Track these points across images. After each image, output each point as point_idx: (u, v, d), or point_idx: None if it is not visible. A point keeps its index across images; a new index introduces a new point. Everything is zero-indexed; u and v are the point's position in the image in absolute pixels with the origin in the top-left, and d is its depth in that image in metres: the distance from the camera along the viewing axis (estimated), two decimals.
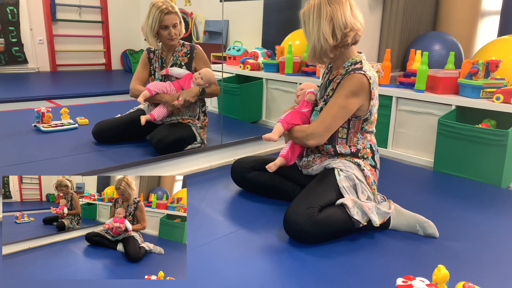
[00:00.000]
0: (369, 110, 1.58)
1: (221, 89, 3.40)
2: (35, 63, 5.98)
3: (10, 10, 5.56)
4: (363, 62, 1.58)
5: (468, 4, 3.38)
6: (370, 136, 1.66)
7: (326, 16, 1.51)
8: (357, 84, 1.52)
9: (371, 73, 1.55)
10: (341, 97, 1.54)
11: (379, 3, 3.26)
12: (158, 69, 2.43)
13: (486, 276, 1.31)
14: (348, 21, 1.51)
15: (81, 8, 6.28)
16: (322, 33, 1.52)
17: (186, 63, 2.41)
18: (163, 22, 2.27)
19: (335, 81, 1.63)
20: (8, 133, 2.64)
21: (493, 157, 2.13)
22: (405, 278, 1.08)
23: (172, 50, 2.42)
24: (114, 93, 4.43)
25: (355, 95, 1.53)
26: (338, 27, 1.51)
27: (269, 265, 1.34)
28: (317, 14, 1.53)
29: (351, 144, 1.64)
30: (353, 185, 1.57)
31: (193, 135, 2.37)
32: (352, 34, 1.53)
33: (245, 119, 3.36)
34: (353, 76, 1.53)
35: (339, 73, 1.62)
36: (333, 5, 1.51)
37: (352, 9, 1.54)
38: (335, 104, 1.56)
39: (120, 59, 6.73)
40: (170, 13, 2.27)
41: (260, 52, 3.59)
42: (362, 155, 1.64)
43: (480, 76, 2.38)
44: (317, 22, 1.53)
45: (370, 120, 1.62)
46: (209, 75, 2.36)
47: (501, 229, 1.65)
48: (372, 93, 1.55)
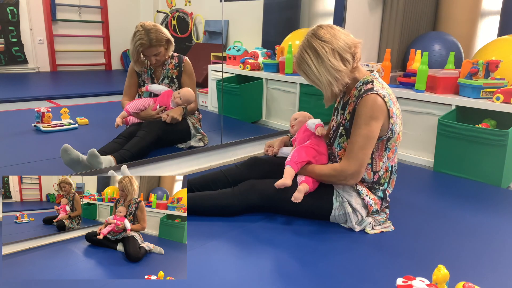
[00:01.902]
0: (389, 129, 1.53)
1: (221, 89, 3.41)
2: (35, 63, 5.98)
3: (10, 10, 5.56)
4: (374, 81, 1.53)
5: (468, 4, 3.38)
6: (393, 157, 1.62)
7: (326, 52, 1.47)
8: (372, 108, 1.47)
9: (384, 92, 1.50)
10: (362, 127, 1.49)
11: (379, 3, 3.26)
12: (148, 80, 2.45)
13: (486, 276, 1.31)
14: (347, 40, 1.50)
15: (81, 8, 6.28)
16: (333, 68, 1.47)
17: (177, 75, 2.44)
18: (143, 53, 2.31)
19: (350, 104, 1.58)
20: (8, 133, 2.64)
21: (493, 157, 2.13)
22: (405, 278, 1.08)
23: (162, 64, 2.45)
24: (114, 93, 4.42)
25: (374, 119, 1.48)
26: (344, 51, 1.48)
27: (269, 265, 1.34)
28: (315, 56, 1.49)
29: (376, 169, 1.59)
30: (344, 213, 1.58)
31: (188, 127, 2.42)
32: (359, 50, 1.52)
33: (245, 119, 3.36)
34: (366, 99, 1.48)
35: (352, 95, 1.58)
36: (325, 37, 1.48)
37: (340, 30, 1.52)
38: (359, 136, 1.50)
39: (120, 59, 6.73)
40: (150, 47, 2.27)
41: (260, 52, 3.58)
42: (380, 182, 1.61)
43: (480, 76, 2.38)
44: (321, 63, 1.48)
45: (394, 139, 1.56)
46: (189, 95, 2.37)
47: (501, 229, 1.65)
48: (390, 111, 1.50)
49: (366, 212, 1.60)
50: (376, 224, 1.60)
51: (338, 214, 1.59)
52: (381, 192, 1.62)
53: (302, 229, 1.59)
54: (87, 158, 1.87)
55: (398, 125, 1.55)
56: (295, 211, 1.63)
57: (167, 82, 2.45)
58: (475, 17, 3.44)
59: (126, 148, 2.10)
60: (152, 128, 2.23)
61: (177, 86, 2.46)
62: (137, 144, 2.13)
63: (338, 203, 1.58)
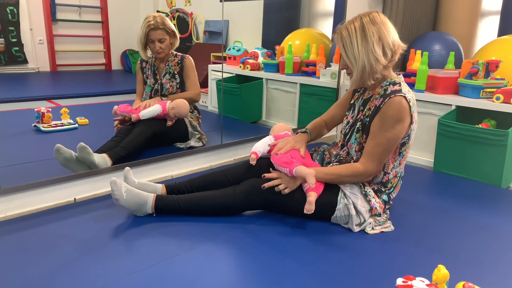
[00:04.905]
0: (407, 134, 1.54)
1: (221, 89, 3.41)
2: (35, 63, 5.98)
3: (10, 10, 5.57)
4: (402, 84, 1.54)
5: (468, 4, 3.37)
6: (403, 163, 1.63)
7: (373, 36, 1.46)
8: (399, 110, 1.48)
9: (410, 96, 1.51)
10: (389, 130, 1.49)
11: (379, 3, 3.26)
12: (151, 76, 2.52)
13: (486, 276, 1.31)
14: (395, 39, 1.50)
15: (81, 8, 6.27)
16: (373, 53, 1.46)
17: (178, 71, 2.50)
18: (149, 37, 2.37)
19: (372, 101, 1.58)
20: (8, 133, 2.63)
21: (493, 157, 2.13)
22: (405, 278, 1.08)
23: (165, 60, 2.51)
24: (114, 93, 4.43)
25: (400, 122, 1.49)
26: (388, 45, 1.48)
27: (269, 265, 1.34)
28: (361, 35, 1.47)
29: (387, 170, 1.59)
30: (346, 215, 1.58)
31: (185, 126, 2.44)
32: (399, 51, 1.52)
33: (245, 119, 3.36)
34: (392, 101, 1.48)
35: (376, 92, 1.57)
36: (378, 25, 1.47)
37: (393, 28, 1.52)
38: (385, 139, 1.50)
39: (120, 59, 6.72)
40: (157, 29, 2.35)
41: (260, 52, 3.58)
42: (387, 185, 1.61)
43: (480, 76, 2.38)
44: (364, 44, 1.47)
45: (408, 145, 1.58)
46: (184, 109, 2.35)
47: (501, 229, 1.65)
48: (413, 117, 1.51)
49: (369, 215, 1.60)
50: (376, 224, 1.60)
51: (340, 215, 1.59)
52: (386, 195, 1.62)
53: (302, 229, 1.59)
54: (77, 153, 1.88)
55: (415, 131, 1.57)
56: (296, 210, 1.63)
57: (168, 78, 2.49)
58: (475, 17, 3.43)
59: (122, 145, 2.11)
60: (147, 125, 2.24)
61: (178, 81, 2.49)
62: (132, 141, 2.14)
63: (342, 204, 1.58)
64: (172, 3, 6.00)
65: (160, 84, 2.49)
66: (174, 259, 1.36)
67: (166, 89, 2.49)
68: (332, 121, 1.85)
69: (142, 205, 1.62)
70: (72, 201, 1.82)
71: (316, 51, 3.20)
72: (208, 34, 5.35)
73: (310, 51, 3.26)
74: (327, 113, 1.86)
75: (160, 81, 2.49)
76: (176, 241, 1.48)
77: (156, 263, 1.34)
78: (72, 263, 1.33)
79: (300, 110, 3.12)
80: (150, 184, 1.75)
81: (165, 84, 2.49)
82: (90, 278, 1.25)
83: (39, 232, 1.54)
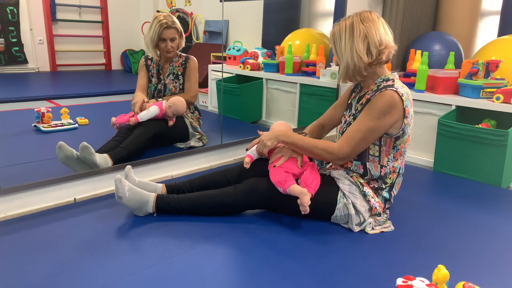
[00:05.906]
0: (401, 129, 1.54)
1: (221, 89, 3.41)
2: (35, 63, 5.97)
3: (10, 10, 5.56)
4: (395, 80, 1.55)
5: (468, 4, 3.37)
6: (401, 159, 1.62)
7: (359, 34, 1.49)
8: (388, 103, 1.48)
9: (403, 90, 1.51)
10: (372, 120, 1.50)
11: (379, 3, 3.26)
12: (155, 75, 2.52)
13: (486, 276, 1.31)
14: (383, 38, 1.51)
15: (81, 8, 6.27)
16: (356, 51, 1.49)
17: (182, 72, 2.51)
18: (161, 36, 2.39)
19: (365, 96, 1.60)
20: (8, 133, 2.63)
21: (493, 157, 2.13)
22: (405, 278, 1.08)
23: (170, 60, 2.52)
24: (114, 93, 4.43)
25: (386, 114, 1.49)
26: (373, 44, 1.49)
27: (269, 265, 1.34)
28: (349, 33, 1.51)
29: (382, 163, 1.59)
30: (346, 214, 1.58)
31: (185, 126, 2.44)
32: (387, 52, 1.52)
33: (245, 119, 3.36)
34: (384, 93, 1.49)
35: (370, 89, 1.59)
36: (367, 23, 1.50)
37: (385, 27, 1.53)
38: (366, 128, 1.51)
39: (120, 59, 6.72)
40: (170, 28, 2.40)
41: (260, 52, 3.58)
42: (386, 181, 1.61)
43: (480, 76, 2.38)
44: (350, 41, 1.50)
45: (403, 139, 1.57)
46: (180, 106, 2.34)
47: (501, 229, 1.65)
48: (406, 111, 1.51)
49: (369, 215, 1.60)
50: (376, 224, 1.60)
51: (340, 214, 1.59)
52: (387, 193, 1.62)
53: (302, 228, 1.60)
54: (79, 152, 1.89)
55: (411, 127, 1.57)
56: (296, 209, 1.63)
57: (172, 79, 2.50)
58: (475, 17, 3.43)
59: (123, 145, 2.11)
60: (148, 125, 2.24)
61: (181, 82, 2.52)
62: (133, 141, 2.14)
63: (342, 204, 1.58)
64: (172, 3, 6.00)
65: (164, 85, 2.50)
66: (174, 259, 1.36)
67: (169, 90, 2.50)
68: (330, 122, 1.85)
69: (143, 204, 1.62)
70: (72, 201, 1.82)
71: (316, 51, 3.20)
72: (208, 34, 5.35)
73: (310, 51, 3.26)
74: (324, 115, 1.87)
75: (163, 81, 2.50)
76: (176, 241, 1.48)
77: (156, 263, 1.34)
78: (72, 263, 1.33)
79: (300, 110, 3.12)
80: (151, 183, 1.75)
81: (168, 84, 2.49)
82: (90, 278, 1.25)
83: (39, 232, 1.54)
